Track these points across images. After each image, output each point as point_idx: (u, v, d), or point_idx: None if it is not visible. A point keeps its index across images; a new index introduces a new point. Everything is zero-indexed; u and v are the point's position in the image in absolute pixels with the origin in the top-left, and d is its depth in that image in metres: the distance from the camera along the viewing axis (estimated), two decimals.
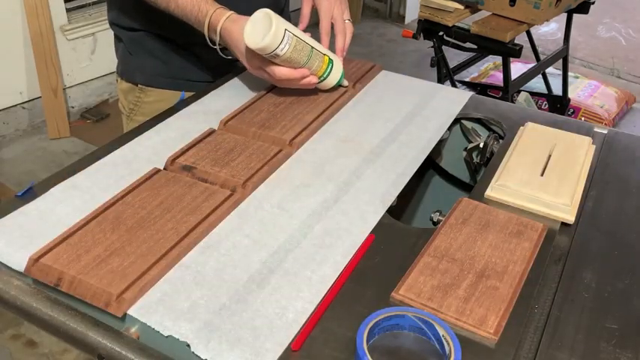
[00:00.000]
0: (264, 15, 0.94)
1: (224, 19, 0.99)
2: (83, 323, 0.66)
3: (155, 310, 0.65)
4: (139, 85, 1.21)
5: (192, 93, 1.12)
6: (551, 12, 2.32)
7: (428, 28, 2.44)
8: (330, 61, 1.04)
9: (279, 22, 0.93)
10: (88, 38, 2.98)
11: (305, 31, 1.07)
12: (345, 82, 1.10)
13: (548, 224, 0.81)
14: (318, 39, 1.06)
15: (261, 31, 0.93)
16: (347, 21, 1.14)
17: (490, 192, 0.87)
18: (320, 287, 0.70)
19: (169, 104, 1.08)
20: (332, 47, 1.08)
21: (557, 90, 2.92)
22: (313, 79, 1.02)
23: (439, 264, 0.73)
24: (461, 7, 2.37)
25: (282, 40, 0.93)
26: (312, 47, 1.00)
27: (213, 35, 1.01)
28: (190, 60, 1.19)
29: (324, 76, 1.04)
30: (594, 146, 0.99)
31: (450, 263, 0.73)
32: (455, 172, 1.24)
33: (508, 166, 0.90)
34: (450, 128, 1.08)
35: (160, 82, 1.20)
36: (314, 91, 1.09)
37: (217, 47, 1.03)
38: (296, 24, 1.15)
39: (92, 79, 3.08)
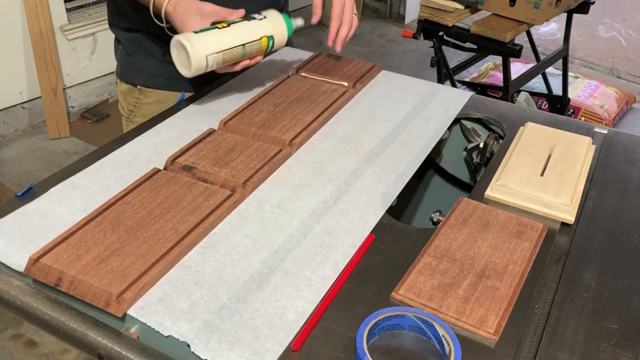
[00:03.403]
0: (178, 44, 0.95)
1: (166, 3, 0.99)
2: (83, 323, 0.66)
3: (155, 310, 0.65)
4: (138, 87, 1.21)
5: (191, 93, 1.12)
6: (551, 12, 2.32)
7: (428, 28, 2.44)
8: (269, 38, 1.03)
9: (196, 52, 0.94)
10: (88, 38, 2.98)
11: (305, 26, 1.06)
12: (299, 22, 1.08)
13: (548, 224, 0.81)
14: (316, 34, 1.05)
15: (186, 57, 0.95)
16: (354, 15, 1.13)
17: (490, 192, 0.87)
18: (320, 287, 0.70)
19: (168, 105, 1.08)
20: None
21: (557, 90, 2.92)
22: (257, 58, 1.03)
23: (439, 264, 0.73)
24: (461, 7, 2.37)
25: (207, 63, 0.96)
26: (244, 44, 0.99)
27: (158, 14, 1.02)
28: None
29: (268, 50, 1.04)
30: (594, 146, 0.99)
31: (450, 263, 0.73)
32: (455, 172, 1.24)
33: (508, 166, 0.90)
34: (450, 128, 1.08)
35: (158, 82, 1.20)
36: (314, 91, 1.09)
37: (164, 26, 1.03)
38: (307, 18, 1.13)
39: (92, 79, 3.09)
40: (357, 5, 4.20)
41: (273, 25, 1.04)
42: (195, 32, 0.96)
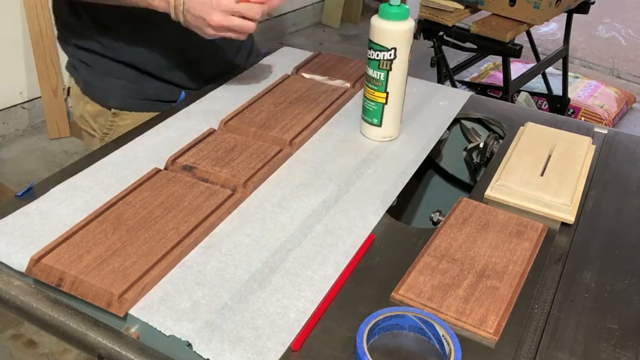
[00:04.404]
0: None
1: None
2: (83, 323, 0.66)
3: (157, 309, 0.66)
4: (113, 110, 1.12)
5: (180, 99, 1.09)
6: (551, 12, 2.32)
7: (428, 28, 2.44)
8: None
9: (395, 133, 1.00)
10: None
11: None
12: None
13: (548, 224, 0.82)
14: None
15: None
16: None
17: (490, 192, 0.87)
18: (321, 287, 0.70)
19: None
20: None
21: (557, 90, 2.93)
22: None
23: (439, 264, 0.73)
24: (461, 7, 2.37)
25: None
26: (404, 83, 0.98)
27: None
28: (162, 83, 1.13)
29: None
30: (594, 146, 0.99)
31: (450, 263, 0.73)
32: (455, 172, 1.24)
33: (508, 166, 0.90)
34: (449, 128, 1.08)
35: (134, 105, 1.12)
36: (314, 91, 1.09)
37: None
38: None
39: None
40: (357, 5, 4.22)
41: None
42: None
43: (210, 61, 1.16)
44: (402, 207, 1.26)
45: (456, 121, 1.12)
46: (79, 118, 1.19)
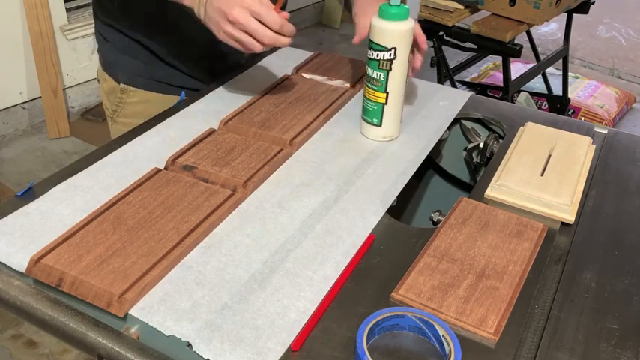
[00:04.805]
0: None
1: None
2: (83, 323, 0.66)
3: (157, 310, 0.66)
4: (121, 85, 1.17)
5: (188, 92, 1.11)
6: (551, 12, 2.32)
7: (428, 28, 2.44)
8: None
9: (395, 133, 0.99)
10: (88, 38, 2.98)
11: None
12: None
13: (548, 224, 0.82)
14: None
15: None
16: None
17: (490, 192, 0.87)
18: (321, 287, 0.70)
19: (155, 105, 1.05)
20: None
21: (557, 90, 2.93)
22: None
23: (439, 264, 0.73)
24: (461, 7, 2.37)
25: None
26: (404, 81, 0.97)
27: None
28: (173, 69, 1.16)
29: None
30: (594, 146, 0.99)
31: (450, 263, 0.73)
32: (455, 172, 1.24)
33: (508, 166, 0.90)
34: (449, 128, 1.08)
35: (141, 82, 1.16)
36: (314, 91, 1.09)
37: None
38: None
39: (92, 79, 3.08)
40: None
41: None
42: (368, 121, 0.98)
43: (223, 57, 1.17)
44: (402, 207, 1.26)
45: (456, 121, 1.12)
46: (103, 102, 1.25)
